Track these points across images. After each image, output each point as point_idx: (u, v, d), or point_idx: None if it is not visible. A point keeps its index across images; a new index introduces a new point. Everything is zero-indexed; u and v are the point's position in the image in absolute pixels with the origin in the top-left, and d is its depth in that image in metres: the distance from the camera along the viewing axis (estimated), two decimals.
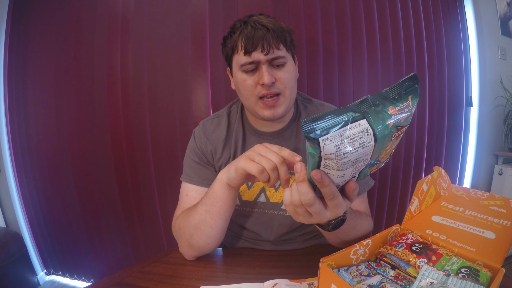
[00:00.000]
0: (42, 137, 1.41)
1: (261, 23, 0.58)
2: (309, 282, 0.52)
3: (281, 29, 0.60)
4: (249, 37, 0.57)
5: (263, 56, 0.58)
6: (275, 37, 0.58)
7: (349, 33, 1.30)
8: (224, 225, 0.58)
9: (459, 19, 1.58)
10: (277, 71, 0.60)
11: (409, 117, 0.31)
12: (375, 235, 0.49)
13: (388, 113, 0.30)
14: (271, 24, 0.58)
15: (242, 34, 0.58)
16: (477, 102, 1.64)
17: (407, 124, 0.32)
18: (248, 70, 0.60)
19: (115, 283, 0.53)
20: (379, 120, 0.29)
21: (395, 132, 0.31)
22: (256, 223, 0.68)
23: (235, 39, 0.60)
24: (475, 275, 0.38)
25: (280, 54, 0.59)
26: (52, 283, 1.59)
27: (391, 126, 0.30)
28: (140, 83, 1.26)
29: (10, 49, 1.43)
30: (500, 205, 0.53)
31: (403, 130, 0.32)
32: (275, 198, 0.67)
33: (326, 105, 0.74)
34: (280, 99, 0.61)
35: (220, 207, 0.55)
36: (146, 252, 1.41)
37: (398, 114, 0.30)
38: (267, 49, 0.57)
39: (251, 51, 0.57)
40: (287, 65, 0.61)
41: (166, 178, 1.29)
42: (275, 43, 0.58)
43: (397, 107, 0.30)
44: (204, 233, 0.57)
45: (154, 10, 1.23)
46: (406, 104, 0.31)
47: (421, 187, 0.53)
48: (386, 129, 0.29)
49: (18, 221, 1.53)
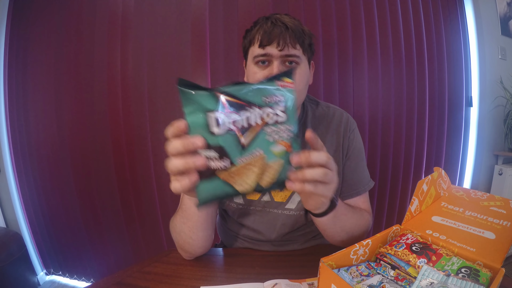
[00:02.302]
0: (42, 137, 1.41)
1: (282, 21, 0.59)
2: (309, 282, 0.51)
3: (301, 31, 0.60)
4: (266, 31, 0.58)
5: (276, 51, 0.58)
6: (292, 36, 0.58)
7: (349, 32, 1.30)
8: (206, 233, 0.58)
9: (459, 19, 1.58)
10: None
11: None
12: (375, 235, 0.49)
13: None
14: (292, 24, 0.59)
15: (261, 28, 0.60)
16: (477, 102, 1.64)
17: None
18: (259, 63, 0.60)
19: (115, 283, 0.53)
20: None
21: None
22: (259, 222, 0.68)
23: (254, 33, 0.61)
24: (475, 275, 0.38)
25: (295, 53, 0.59)
26: (52, 283, 1.59)
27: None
28: (140, 83, 1.26)
29: (10, 49, 1.43)
30: (500, 205, 0.53)
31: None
32: (279, 197, 0.67)
33: (331, 106, 0.74)
34: None
35: (196, 221, 0.54)
36: (146, 252, 1.41)
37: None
38: (282, 45, 0.57)
39: (266, 45, 0.58)
40: (300, 66, 0.61)
41: (166, 178, 1.28)
42: (291, 42, 0.58)
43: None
44: (186, 242, 0.57)
45: (154, 10, 1.23)
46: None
47: (421, 188, 0.53)
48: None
49: (18, 221, 1.53)
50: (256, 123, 0.34)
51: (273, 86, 0.35)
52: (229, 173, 0.34)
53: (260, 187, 0.36)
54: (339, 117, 0.71)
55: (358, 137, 0.71)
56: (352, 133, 0.70)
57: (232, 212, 0.70)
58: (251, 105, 0.34)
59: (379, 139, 1.39)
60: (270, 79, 0.36)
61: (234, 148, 0.33)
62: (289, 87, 0.36)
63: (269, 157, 0.35)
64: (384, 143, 1.41)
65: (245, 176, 0.35)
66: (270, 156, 0.35)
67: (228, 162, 0.34)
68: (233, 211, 0.70)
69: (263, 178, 0.35)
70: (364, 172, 0.70)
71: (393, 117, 1.41)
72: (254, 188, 0.35)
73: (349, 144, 0.69)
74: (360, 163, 0.70)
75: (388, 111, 1.40)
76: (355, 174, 0.68)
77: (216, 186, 0.34)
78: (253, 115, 0.34)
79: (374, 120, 1.37)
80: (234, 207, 0.68)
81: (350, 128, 0.70)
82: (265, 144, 0.34)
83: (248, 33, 0.64)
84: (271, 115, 0.34)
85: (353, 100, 1.34)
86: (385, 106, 1.39)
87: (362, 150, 0.71)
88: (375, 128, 1.38)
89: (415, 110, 1.46)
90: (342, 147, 0.68)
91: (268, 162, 0.35)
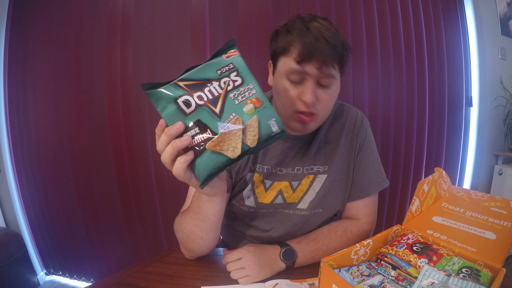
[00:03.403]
0: (42, 137, 1.41)
1: (323, 35, 0.52)
2: (310, 282, 0.52)
3: (342, 46, 0.54)
4: (307, 46, 0.51)
5: (315, 70, 0.52)
6: (334, 55, 0.52)
7: (349, 32, 1.30)
8: (216, 234, 0.58)
9: (459, 19, 1.58)
10: (321, 91, 0.55)
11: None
12: (376, 235, 0.49)
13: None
14: (333, 39, 0.52)
15: (301, 39, 0.52)
16: (477, 102, 1.64)
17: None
18: (293, 79, 0.55)
19: (115, 283, 0.53)
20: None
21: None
22: (270, 222, 0.68)
23: (290, 41, 0.54)
24: (476, 275, 0.38)
25: (332, 73, 0.54)
26: (52, 283, 1.59)
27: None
28: (140, 83, 1.26)
29: (10, 49, 1.43)
30: (501, 206, 0.53)
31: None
32: (292, 199, 0.66)
33: (346, 105, 0.72)
34: (314, 118, 0.58)
35: (211, 222, 0.54)
36: (146, 252, 1.41)
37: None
38: (322, 65, 0.52)
39: (305, 62, 0.52)
40: (333, 87, 0.57)
41: (166, 178, 1.29)
42: (331, 61, 0.52)
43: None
44: (195, 242, 0.57)
45: (154, 10, 1.23)
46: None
47: (422, 188, 0.53)
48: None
49: (18, 221, 1.53)
50: (219, 93, 0.38)
51: (221, 59, 0.39)
52: (215, 142, 0.37)
53: (248, 147, 0.39)
54: (353, 116, 0.69)
55: (370, 137, 0.70)
56: (364, 132, 0.69)
57: (243, 215, 0.69)
58: (208, 80, 0.38)
59: (379, 139, 1.39)
60: (215, 54, 0.40)
61: (211, 119, 0.38)
62: (235, 55, 0.40)
63: (244, 118, 0.38)
64: (384, 143, 1.41)
65: (229, 141, 0.38)
66: (244, 117, 0.38)
67: (210, 132, 0.37)
68: (245, 214, 0.69)
69: (247, 137, 0.38)
70: (375, 172, 0.68)
71: (393, 117, 1.41)
72: (242, 150, 0.38)
73: (361, 144, 0.68)
74: (372, 164, 0.68)
75: (388, 111, 1.40)
76: (365, 174, 0.67)
77: (208, 158, 0.38)
78: (212, 88, 0.38)
79: (374, 120, 1.37)
80: (245, 210, 0.68)
81: (363, 127, 0.69)
82: (236, 107, 0.38)
83: (281, 36, 0.57)
84: (228, 81, 0.38)
85: (353, 100, 1.34)
86: (385, 106, 1.39)
87: (374, 150, 0.70)
88: (375, 128, 1.38)
89: (415, 110, 1.46)
90: (355, 147, 0.67)
91: (245, 122, 0.38)
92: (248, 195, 0.67)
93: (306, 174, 0.66)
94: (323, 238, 0.61)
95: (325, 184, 0.66)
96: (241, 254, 0.54)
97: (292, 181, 0.66)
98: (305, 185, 0.66)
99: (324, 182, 0.66)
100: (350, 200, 0.68)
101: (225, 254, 0.57)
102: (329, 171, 0.66)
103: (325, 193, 0.66)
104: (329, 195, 0.66)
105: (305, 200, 0.66)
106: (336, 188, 0.66)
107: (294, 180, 0.66)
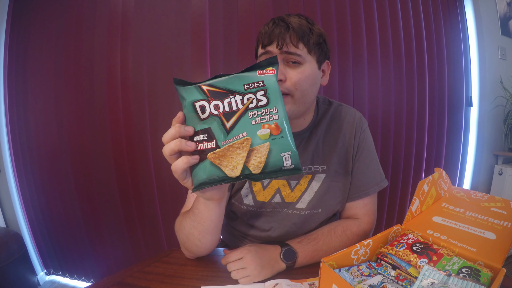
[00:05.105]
0: (42, 137, 1.41)
1: (285, 21, 0.58)
2: (310, 282, 0.52)
3: (308, 30, 0.59)
4: (267, 31, 0.59)
5: (276, 49, 0.58)
6: (294, 35, 0.57)
7: (349, 32, 1.30)
8: (215, 237, 0.58)
9: (459, 19, 1.58)
10: (290, 70, 0.58)
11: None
12: (376, 235, 0.49)
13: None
14: (297, 23, 0.58)
15: (264, 29, 0.61)
16: (477, 102, 1.64)
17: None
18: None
19: (115, 283, 0.53)
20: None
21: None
22: (269, 221, 0.68)
23: (259, 34, 0.62)
24: (476, 275, 0.38)
25: (296, 52, 0.57)
26: (52, 283, 1.59)
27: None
28: (140, 83, 1.26)
29: (10, 49, 1.43)
30: (501, 206, 0.53)
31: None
32: (290, 198, 0.67)
33: (344, 106, 0.73)
34: (287, 99, 0.59)
35: (208, 226, 0.54)
36: (146, 252, 1.41)
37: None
38: (281, 44, 0.57)
39: (267, 45, 0.59)
40: (304, 66, 0.59)
41: (166, 178, 1.28)
42: (292, 41, 0.57)
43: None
44: (193, 243, 0.57)
45: (154, 10, 1.23)
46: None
47: (422, 188, 0.53)
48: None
49: (18, 221, 1.53)
50: (238, 108, 0.37)
51: (253, 74, 0.38)
52: (216, 154, 0.37)
53: (249, 172, 0.37)
54: (351, 116, 0.70)
55: (369, 137, 0.70)
56: (363, 132, 0.69)
57: (242, 214, 0.70)
58: (232, 92, 0.37)
59: (379, 139, 1.39)
60: (251, 67, 0.39)
61: (219, 131, 0.37)
62: (270, 73, 0.38)
63: (255, 141, 0.37)
64: (384, 143, 1.41)
65: (230, 158, 0.37)
66: (256, 140, 0.37)
67: (214, 143, 0.37)
68: (243, 213, 0.69)
69: (250, 161, 0.37)
70: (374, 172, 0.69)
71: (393, 117, 1.41)
72: (241, 172, 0.37)
73: (359, 144, 0.68)
74: (370, 164, 0.69)
75: (388, 111, 1.40)
76: (364, 175, 0.68)
77: (206, 168, 0.38)
78: (233, 100, 0.37)
79: (374, 120, 1.37)
80: (244, 209, 0.68)
81: (362, 127, 0.69)
82: (250, 128, 0.37)
83: (258, 36, 0.64)
84: (252, 99, 0.37)
85: (352, 100, 1.34)
86: (385, 106, 1.39)
87: (372, 150, 0.70)
88: (375, 128, 1.38)
89: (415, 110, 1.46)
90: (353, 147, 0.68)
91: (254, 145, 0.37)
92: (246, 193, 0.67)
93: (304, 173, 0.66)
94: (323, 238, 0.61)
95: (324, 183, 0.66)
96: (242, 254, 0.55)
97: (289, 179, 0.66)
98: (304, 184, 0.66)
99: (322, 181, 0.66)
100: (349, 200, 0.68)
101: (225, 254, 0.57)
102: (327, 171, 0.66)
103: (324, 193, 0.66)
104: (328, 195, 0.66)
105: (303, 200, 0.66)
106: (335, 188, 0.67)
107: (291, 178, 0.66)
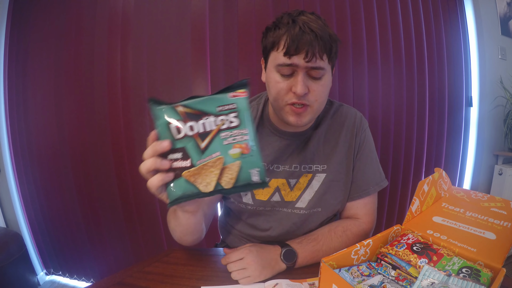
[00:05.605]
0: (42, 137, 1.41)
1: (310, 27, 0.53)
2: (310, 282, 0.52)
3: (329, 38, 0.54)
4: (294, 39, 0.52)
5: (303, 62, 0.53)
6: (321, 46, 0.53)
7: (349, 32, 1.30)
8: (195, 237, 0.60)
9: (459, 19, 1.58)
10: (312, 83, 0.56)
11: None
12: (376, 235, 0.49)
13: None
14: (320, 30, 0.53)
15: (288, 33, 0.53)
16: (477, 102, 1.64)
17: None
18: (283, 73, 0.56)
19: (115, 283, 0.53)
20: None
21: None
22: (268, 221, 0.68)
23: (278, 35, 0.55)
24: (476, 275, 0.38)
25: (321, 65, 0.55)
26: (52, 283, 1.59)
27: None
28: (140, 83, 1.26)
29: (10, 49, 1.43)
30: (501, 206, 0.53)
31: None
32: (289, 197, 0.66)
33: (345, 106, 0.73)
34: (307, 110, 0.58)
35: (186, 228, 0.56)
36: (146, 252, 1.41)
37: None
38: (310, 56, 0.52)
39: (293, 55, 0.53)
40: (324, 77, 0.57)
41: None
42: (319, 52, 0.53)
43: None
44: (178, 238, 0.60)
45: (154, 10, 1.23)
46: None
47: (422, 188, 0.53)
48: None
49: (18, 221, 1.53)
50: (212, 129, 0.39)
51: (225, 96, 0.40)
52: (191, 173, 0.39)
53: (221, 187, 0.40)
54: (352, 116, 0.70)
55: (369, 137, 0.70)
56: (363, 132, 0.69)
57: (241, 213, 0.70)
58: (206, 114, 0.39)
59: (379, 139, 1.39)
60: (223, 90, 0.40)
61: (194, 151, 0.39)
62: (241, 96, 0.40)
63: (227, 159, 0.39)
64: (384, 143, 1.41)
65: (205, 176, 0.39)
66: (228, 158, 0.39)
67: (189, 162, 0.39)
68: (243, 212, 0.69)
69: (223, 178, 0.40)
70: (374, 172, 0.69)
71: (393, 117, 1.41)
72: (214, 188, 0.40)
73: (360, 144, 0.68)
74: (370, 163, 0.69)
75: (388, 111, 1.40)
76: (364, 174, 0.68)
77: (181, 185, 0.40)
78: (207, 122, 0.39)
79: (374, 120, 1.37)
80: (243, 208, 0.68)
81: (362, 127, 0.70)
82: (223, 147, 0.39)
83: (270, 32, 0.58)
84: (225, 121, 0.39)
85: (352, 100, 1.34)
86: (385, 106, 1.39)
87: (373, 150, 0.70)
88: (375, 128, 1.38)
89: (415, 110, 1.46)
90: (354, 147, 0.68)
91: (226, 163, 0.39)
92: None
93: (303, 172, 0.66)
94: (323, 239, 0.61)
95: (324, 183, 0.66)
96: (243, 254, 0.55)
97: (289, 178, 0.66)
98: (303, 183, 0.66)
99: (323, 181, 0.66)
100: (349, 199, 0.68)
101: (225, 254, 0.57)
102: (328, 170, 0.66)
103: (324, 192, 0.66)
104: (328, 194, 0.66)
105: (303, 199, 0.66)
106: (335, 187, 0.67)
107: (291, 177, 0.66)
